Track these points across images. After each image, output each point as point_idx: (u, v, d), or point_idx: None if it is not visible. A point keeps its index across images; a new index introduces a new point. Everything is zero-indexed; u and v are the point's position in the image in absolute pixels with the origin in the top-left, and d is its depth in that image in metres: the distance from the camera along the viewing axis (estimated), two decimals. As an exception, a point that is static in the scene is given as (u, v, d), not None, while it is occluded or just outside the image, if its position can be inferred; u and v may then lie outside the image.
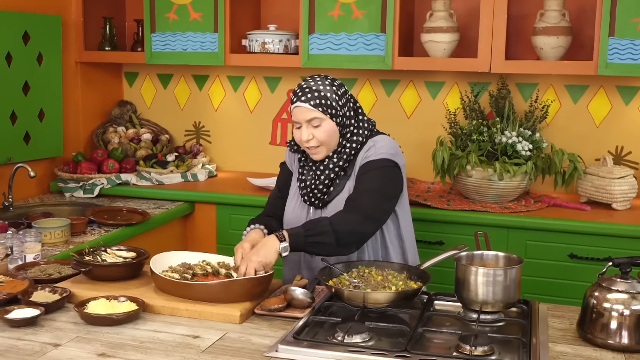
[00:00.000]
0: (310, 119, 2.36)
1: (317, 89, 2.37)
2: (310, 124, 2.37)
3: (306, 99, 2.35)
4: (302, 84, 2.41)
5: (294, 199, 2.55)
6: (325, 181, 2.44)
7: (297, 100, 2.37)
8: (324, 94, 2.36)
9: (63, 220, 2.93)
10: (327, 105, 2.36)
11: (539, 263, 3.16)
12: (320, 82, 2.40)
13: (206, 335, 1.95)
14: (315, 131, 2.37)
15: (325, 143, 2.39)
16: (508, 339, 1.94)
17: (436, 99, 3.81)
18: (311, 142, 2.38)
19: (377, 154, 2.41)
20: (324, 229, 2.27)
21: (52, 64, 3.75)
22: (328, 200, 2.46)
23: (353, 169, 2.45)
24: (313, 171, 2.48)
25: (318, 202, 2.47)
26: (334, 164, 2.43)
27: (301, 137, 2.38)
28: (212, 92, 4.22)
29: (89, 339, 1.91)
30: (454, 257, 2.17)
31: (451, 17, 3.51)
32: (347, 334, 1.89)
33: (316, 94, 2.36)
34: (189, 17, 3.78)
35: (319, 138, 2.38)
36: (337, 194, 2.45)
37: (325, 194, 2.46)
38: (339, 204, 2.41)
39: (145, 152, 4.06)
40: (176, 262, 2.35)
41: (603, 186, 3.31)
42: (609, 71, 3.18)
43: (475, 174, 3.31)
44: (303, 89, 2.38)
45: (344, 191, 2.45)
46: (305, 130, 2.37)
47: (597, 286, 1.96)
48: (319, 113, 2.36)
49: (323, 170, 2.44)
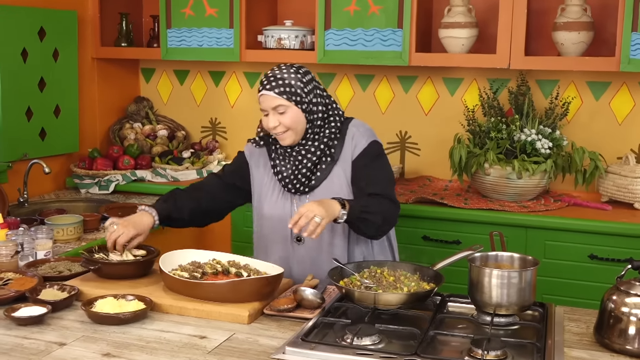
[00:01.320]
0: (276, 106, 2.41)
1: (281, 77, 2.41)
2: (276, 111, 2.41)
3: (270, 87, 2.40)
4: (267, 73, 2.45)
5: (273, 193, 2.53)
6: (308, 165, 2.47)
7: (263, 89, 2.43)
8: (288, 81, 2.41)
9: (76, 217, 2.92)
10: (291, 92, 2.41)
11: (558, 264, 3.10)
12: (285, 70, 2.44)
13: (213, 335, 1.92)
14: (282, 117, 2.41)
15: (292, 128, 2.43)
16: (522, 343, 1.88)
17: (454, 96, 3.75)
18: (278, 129, 2.43)
19: (367, 139, 2.49)
20: (375, 209, 2.36)
21: (68, 60, 3.75)
22: (315, 185, 2.48)
23: (341, 155, 2.49)
24: (292, 159, 2.49)
25: (303, 187, 2.48)
26: (315, 148, 2.47)
27: (268, 123, 2.43)
28: (228, 88, 4.19)
29: (95, 339, 1.89)
30: (468, 258, 2.12)
31: (470, 12, 3.44)
32: (356, 336, 1.85)
33: (280, 82, 2.40)
34: (204, 13, 3.75)
35: (285, 124, 2.42)
36: (324, 178, 2.48)
37: (311, 179, 2.48)
38: (327, 189, 2.46)
39: (161, 148, 4.05)
40: (186, 260, 2.32)
41: (625, 185, 3.23)
42: (632, 67, 3.10)
43: (493, 172, 3.25)
44: (268, 78, 2.43)
45: (332, 176, 2.48)
46: (272, 117, 2.42)
47: (615, 290, 1.90)
48: (284, 100, 2.40)
49: (304, 156, 2.47)
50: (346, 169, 2.49)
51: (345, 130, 2.51)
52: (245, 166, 2.61)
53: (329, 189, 2.46)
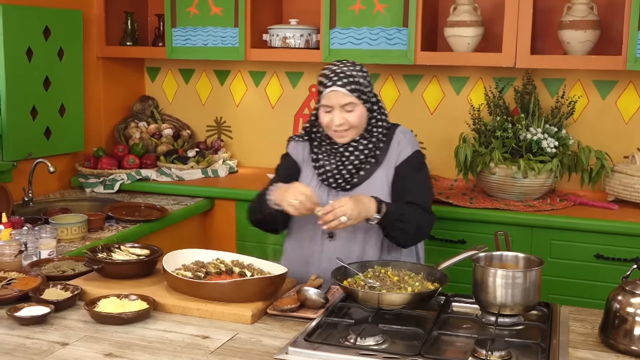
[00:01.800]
0: (346, 103, 2.39)
1: (350, 74, 2.40)
2: (343, 109, 2.39)
3: (342, 84, 2.38)
4: (333, 69, 2.42)
5: (310, 185, 2.49)
6: (354, 162, 2.46)
7: (333, 84, 2.38)
8: (357, 79, 2.41)
9: (80, 216, 2.92)
10: (360, 90, 2.40)
11: (564, 263, 3.08)
12: (351, 67, 2.43)
13: (216, 335, 1.92)
14: (348, 115, 2.40)
15: (355, 127, 2.43)
16: (526, 343, 1.87)
17: (460, 95, 3.74)
18: (343, 126, 2.40)
19: (412, 147, 2.51)
20: (410, 218, 2.37)
21: (73, 59, 3.75)
22: (356, 183, 2.48)
23: (385, 158, 2.49)
24: (338, 155, 2.47)
25: (345, 184, 2.48)
26: (364, 147, 2.46)
27: (333, 120, 2.40)
28: (233, 87, 4.18)
29: (98, 338, 1.88)
30: (472, 258, 2.10)
31: (475, 10, 3.43)
32: (359, 337, 1.84)
33: (351, 79, 2.39)
34: (209, 12, 3.75)
35: (351, 122, 2.41)
36: (366, 179, 2.48)
37: (353, 177, 2.47)
38: (367, 189, 2.45)
39: (166, 147, 4.04)
40: (190, 260, 2.31)
41: (631, 184, 3.21)
42: (639, 66, 3.08)
43: (499, 171, 3.23)
44: (337, 74, 2.40)
45: (374, 178, 2.48)
46: (338, 115, 2.40)
47: (620, 290, 1.89)
48: (354, 98, 2.39)
49: (352, 153, 2.46)
50: (388, 173, 2.49)
51: (392, 135, 2.52)
52: (296, 167, 2.60)
53: (369, 190, 2.45)
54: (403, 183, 2.48)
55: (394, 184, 2.49)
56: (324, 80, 2.42)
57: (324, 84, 2.42)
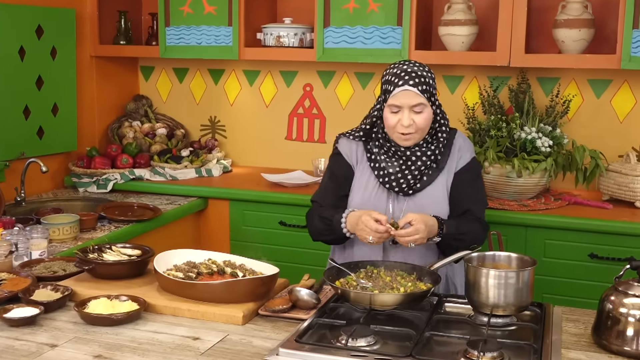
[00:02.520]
0: (416, 104, 2.30)
1: (422, 75, 2.32)
2: (412, 110, 2.31)
3: (414, 84, 2.30)
4: (404, 68, 2.33)
5: (367, 189, 2.45)
6: (421, 167, 2.40)
7: (405, 83, 2.30)
8: (427, 80, 2.33)
9: (72, 216, 2.90)
10: (430, 92, 2.34)
11: (558, 263, 3.07)
12: (421, 67, 2.35)
13: (207, 337, 1.90)
14: (416, 117, 2.32)
15: (422, 130, 2.35)
16: (519, 344, 1.86)
17: (455, 94, 3.73)
18: (410, 128, 2.33)
19: (471, 153, 2.48)
20: (466, 237, 2.34)
21: (66, 58, 3.73)
22: (419, 188, 2.42)
23: (446, 163, 2.44)
24: (404, 158, 2.39)
25: (408, 189, 2.41)
26: (431, 152, 2.40)
27: (402, 121, 2.31)
28: (227, 87, 4.17)
29: (87, 340, 1.87)
30: (465, 258, 2.09)
31: (470, 9, 3.42)
32: (351, 338, 1.82)
33: (423, 80, 2.31)
34: (203, 11, 3.73)
35: (419, 124, 2.33)
36: (428, 184, 2.42)
37: (417, 182, 2.41)
38: (430, 195, 2.41)
39: (160, 147, 4.03)
40: (181, 260, 2.30)
41: (626, 184, 3.20)
42: (633, 65, 3.07)
43: (493, 170, 3.22)
44: (409, 73, 2.31)
45: (436, 183, 2.42)
46: (407, 115, 2.31)
47: (613, 290, 1.88)
48: (424, 99, 2.31)
49: (418, 158, 2.39)
50: (449, 179, 2.44)
51: (452, 140, 2.46)
52: (349, 169, 2.50)
53: (432, 195, 2.41)
54: (461, 190, 2.44)
55: (453, 190, 2.44)
56: (394, 78, 2.32)
57: (394, 82, 2.32)
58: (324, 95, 3.97)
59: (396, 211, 2.42)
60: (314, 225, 2.50)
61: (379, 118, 2.42)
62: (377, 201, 2.43)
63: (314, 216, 2.49)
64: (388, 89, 2.34)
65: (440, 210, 2.41)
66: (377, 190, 2.44)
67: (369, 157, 2.46)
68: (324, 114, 3.99)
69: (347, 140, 2.51)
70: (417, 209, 2.39)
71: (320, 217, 2.46)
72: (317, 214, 2.48)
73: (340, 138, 2.54)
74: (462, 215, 2.44)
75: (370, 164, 2.46)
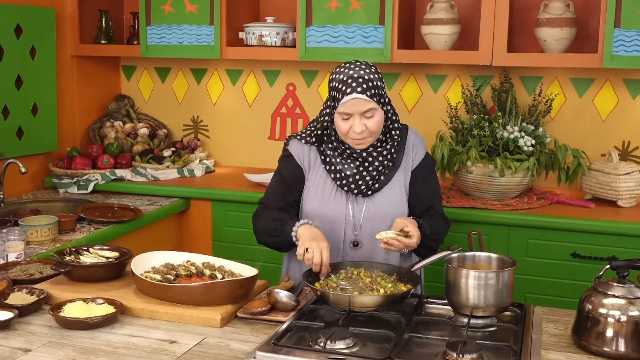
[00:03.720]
0: (366, 110, 2.26)
1: (369, 79, 2.26)
2: (363, 115, 2.27)
3: (362, 90, 2.24)
4: (350, 73, 2.27)
5: (324, 192, 2.41)
6: (378, 168, 2.37)
7: (353, 91, 2.24)
8: (375, 83, 2.28)
9: (50, 218, 2.87)
10: (379, 95, 2.29)
11: (540, 262, 3.06)
12: (367, 69, 2.29)
13: (184, 340, 1.88)
14: (368, 122, 2.28)
15: (375, 133, 2.32)
16: (498, 345, 1.85)
17: (438, 93, 3.72)
18: (363, 133, 2.29)
19: (424, 149, 2.49)
20: (440, 236, 2.41)
21: (46, 57, 3.69)
22: (377, 188, 2.39)
23: (402, 160, 2.42)
24: (360, 160, 2.36)
25: (367, 190, 2.38)
26: (387, 151, 2.38)
27: (354, 128, 2.27)
28: (210, 86, 4.14)
29: (62, 344, 1.84)
30: (445, 259, 2.08)
31: (452, 8, 3.41)
32: (329, 340, 1.80)
33: (371, 84, 2.26)
34: (184, 10, 3.70)
35: (371, 129, 2.29)
36: (386, 183, 2.40)
37: (375, 183, 2.38)
38: (388, 194, 2.40)
39: (142, 147, 3.99)
40: (160, 262, 2.28)
41: (608, 183, 3.20)
42: (615, 64, 3.07)
43: (476, 170, 3.21)
44: (356, 79, 2.25)
45: (393, 182, 2.41)
46: (358, 122, 2.27)
47: (592, 290, 1.87)
48: (374, 103, 2.27)
49: (375, 158, 2.36)
50: (406, 176, 2.43)
51: (405, 137, 2.44)
52: (301, 172, 2.45)
53: (390, 194, 2.40)
54: (421, 187, 2.44)
55: (412, 187, 2.43)
56: (341, 86, 2.27)
57: (341, 90, 2.26)
58: (307, 95, 3.95)
59: (356, 212, 2.39)
60: (259, 227, 2.44)
61: (330, 122, 2.37)
62: (336, 204, 2.40)
63: (262, 216, 2.44)
64: (336, 96, 2.28)
65: (399, 208, 2.40)
66: (334, 193, 2.41)
67: (323, 160, 2.42)
68: (307, 114, 3.96)
69: (298, 143, 2.46)
70: (376, 209, 2.38)
71: (273, 218, 2.40)
72: (267, 214, 2.43)
73: (290, 140, 2.49)
74: (425, 212, 2.44)
75: (325, 166, 2.41)
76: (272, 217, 2.41)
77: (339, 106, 2.27)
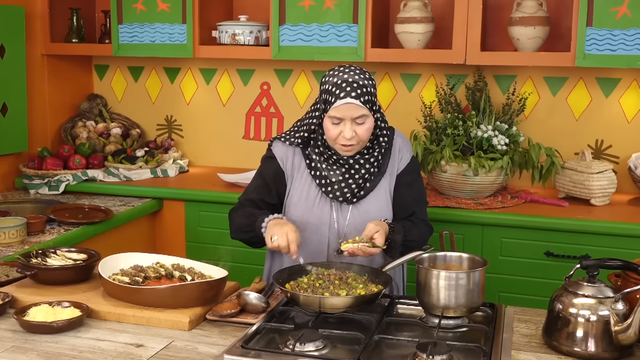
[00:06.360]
0: (358, 116, 2.22)
1: (363, 85, 2.22)
2: (354, 121, 2.22)
3: (356, 95, 2.19)
4: (345, 77, 2.22)
5: (308, 198, 2.37)
6: (365, 175, 2.34)
7: (347, 95, 2.19)
8: (369, 89, 2.23)
9: (18, 219, 2.82)
10: (371, 101, 2.24)
11: (514, 261, 3.06)
12: (362, 75, 2.25)
13: (151, 343, 1.85)
14: (358, 128, 2.23)
15: (363, 141, 2.28)
16: (468, 346, 1.84)
17: (412, 92, 3.71)
18: (352, 140, 2.24)
19: (410, 152, 2.44)
20: (414, 244, 2.30)
21: (16, 56, 3.63)
22: (362, 196, 2.36)
23: (387, 167, 2.38)
24: (347, 166, 2.33)
25: (352, 197, 2.34)
26: (374, 158, 2.34)
27: (344, 133, 2.22)
28: (184, 85, 4.10)
29: (25, 349, 1.80)
30: (415, 259, 2.07)
31: (426, 7, 3.40)
32: (299, 342, 1.78)
33: (365, 90, 2.21)
34: (156, 8, 3.66)
35: (361, 136, 2.24)
36: (371, 190, 2.36)
37: (361, 190, 2.35)
38: (374, 201, 2.36)
39: (115, 147, 3.94)
40: (128, 264, 2.24)
41: (581, 181, 3.21)
42: (587, 62, 3.08)
43: (450, 169, 3.21)
44: (350, 84, 2.21)
45: (379, 188, 2.37)
46: (349, 127, 2.22)
47: (563, 290, 1.86)
48: (366, 110, 2.22)
49: (361, 166, 2.33)
50: (391, 181, 2.40)
51: (391, 141, 2.40)
52: (282, 175, 2.41)
53: (376, 201, 2.36)
54: (405, 192, 2.40)
55: (396, 192, 2.40)
56: (334, 89, 2.21)
57: (335, 93, 2.21)
58: (281, 94, 3.93)
59: (340, 219, 2.37)
60: (235, 224, 2.42)
61: (318, 125, 2.33)
62: (320, 211, 2.36)
63: (237, 212, 2.42)
64: (329, 99, 2.24)
65: (384, 214, 2.38)
66: (319, 199, 2.37)
67: (308, 165, 2.38)
68: (281, 113, 3.94)
69: (282, 145, 2.43)
70: (360, 216, 2.35)
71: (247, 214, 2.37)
72: (242, 210, 2.40)
73: (274, 141, 2.45)
74: (408, 218, 2.41)
75: (310, 172, 2.38)
76: (246, 213, 2.39)
77: (330, 110, 2.23)
